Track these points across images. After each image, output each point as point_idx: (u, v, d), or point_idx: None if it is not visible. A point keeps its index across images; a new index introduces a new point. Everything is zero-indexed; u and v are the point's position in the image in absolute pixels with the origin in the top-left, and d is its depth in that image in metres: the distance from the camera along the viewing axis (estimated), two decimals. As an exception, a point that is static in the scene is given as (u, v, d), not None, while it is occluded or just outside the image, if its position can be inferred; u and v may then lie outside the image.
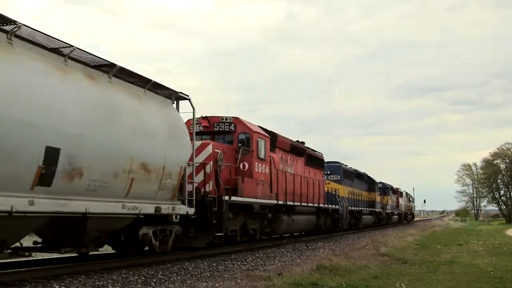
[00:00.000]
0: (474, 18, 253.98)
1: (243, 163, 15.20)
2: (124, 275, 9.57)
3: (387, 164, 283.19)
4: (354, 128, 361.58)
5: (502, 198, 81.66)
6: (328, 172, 27.22)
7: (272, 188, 17.11)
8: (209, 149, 13.87)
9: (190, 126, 13.28)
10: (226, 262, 12.41)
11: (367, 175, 37.26)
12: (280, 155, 18.76)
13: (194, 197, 12.41)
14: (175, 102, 12.42)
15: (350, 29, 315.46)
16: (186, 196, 12.04)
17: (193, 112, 12.82)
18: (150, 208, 10.61)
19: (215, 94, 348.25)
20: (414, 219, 72.27)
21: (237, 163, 15.04)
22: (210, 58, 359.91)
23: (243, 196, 14.66)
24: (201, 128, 15.45)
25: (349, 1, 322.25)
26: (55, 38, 8.55)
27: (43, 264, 10.44)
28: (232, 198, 13.97)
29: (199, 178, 13.26)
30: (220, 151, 14.24)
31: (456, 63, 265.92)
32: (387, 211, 44.16)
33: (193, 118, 12.84)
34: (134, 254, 11.18)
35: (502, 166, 79.31)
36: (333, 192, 26.24)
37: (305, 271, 10.58)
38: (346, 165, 31.61)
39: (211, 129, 15.56)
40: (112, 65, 9.89)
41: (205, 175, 13.44)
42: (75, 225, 9.14)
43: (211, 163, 13.74)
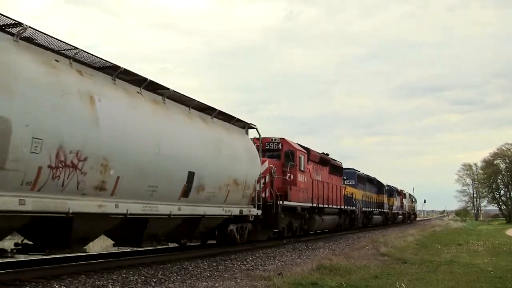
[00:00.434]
0: (474, 18, 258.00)
1: (289, 174, 19.69)
2: (124, 275, 9.90)
3: (387, 164, 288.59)
4: (354, 128, 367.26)
5: (502, 198, 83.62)
6: (345, 178, 31.62)
7: (308, 193, 21.65)
8: (266, 164, 18.27)
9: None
10: (226, 262, 12.99)
11: (376, 179, 41.81)
12: (312, 166, 23.14)
13: (261, 202, 16.88)
14: (247, 130, 16.85)
15: (350, 29, 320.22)
16: (257, 201, 16.51)
17: (259, 138, 17.30)
18: (236, 210, 15.02)
19: (215, 94, 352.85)
20: (416, 218, 77.09)
21: (285, 175, 19.56)
22: (210, 58, 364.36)
23: (290, 201, 19.15)
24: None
25: (349, 1, 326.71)
26: (185, 96, 12.86)
27: (43, 264, 10.85)
28: (284, 202, 18.51)
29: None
30: (273, 166, 18.73)
31: (456, 63, 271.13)
32: (393, 211, 49.02)
33: (260, 143, 17.23)
34: (224, 245, 15.55)
35: (502, 166, 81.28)
36: (350, 196, 30.74)
37: (305, 271, 10.90)
38: (359, 171, 36.16)
39: (263, 147, 19.92)
40: (214, 109, 14.24)
41: (264, 185, 17.92)
42: (194, 223, 13.55)
43: (268, 175, 18.18)
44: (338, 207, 26.88)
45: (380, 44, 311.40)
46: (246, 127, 16.65)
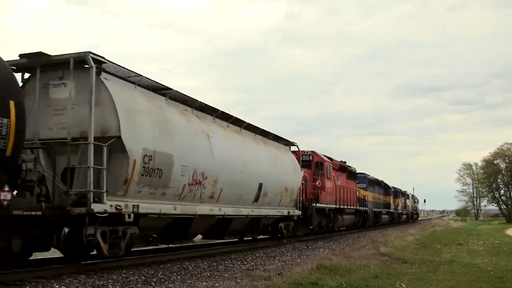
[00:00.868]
0: (474, 18, 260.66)
1: (319, 181, 24.36)
2: (124, 275, 10.07)
3: (387, 164, 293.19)
4: (354, 128, 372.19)
5: (502, 197, 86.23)
6: (358, 182, 36.27)
7: (333, 196, 26.29)
8: (302, 173, 22.88)
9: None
10: (226, 262, 13.34)
11: (384, 182, 46.53)
12: (335, 173, 27.77)
13: (301, 204, 21.50)
14: (289, 146, 21.46)
15: (350, 29, 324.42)
16: (298, 204, 21.11)
17: (299, 152, 21.90)
18: (285, 211, 19.59)
19: (215, 94, 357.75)
20: (418, 218, 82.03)
21: (315, 181, 24.21)
22: (210, 58, 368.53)
23: (321, 203, 23.82)
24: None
25: (349, 1, 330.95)
26: (253, 125, 17.37)
27: (43, 264, 11.01)
28: (316, 204, 23.17)
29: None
30: (306, 175, 23.34)
31: (456, 63, 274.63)
32: (398, 211, 53.93)
33: (300, 158, 21.82)
34: (276, 239, 20.10)
35: (502, 166, 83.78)
36: (363, 198, 35.50)
37: (305, 271, 11.09)
38: (369, 175, 40.82)
39: (298, 159, 24.59)
40: (269, 133, 18.78)
41: (300, 190, 22.50)
42: (258, 221, 18.10)
43: (303, 182, 22.79)
44: (354, 207, 31.63)
45: (380, 44, 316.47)
46: (289, 144, 21.25)
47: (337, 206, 27.03)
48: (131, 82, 11.63)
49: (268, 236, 20.42)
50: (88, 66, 10.23)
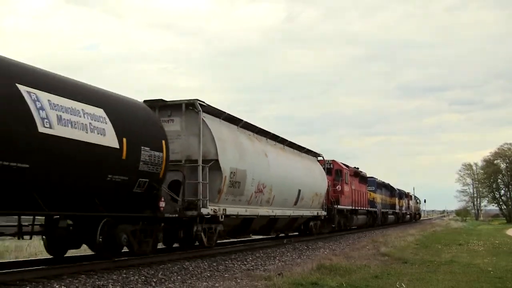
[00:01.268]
0: (474, 18, 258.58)
1: (338, 186, 28.85)
2: (124, 275, 10.22)
3: (387, 164, 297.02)
4: (354, 128, 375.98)
5: (502, 198, 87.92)
6: (367, 185, 40.84)
7: (349, 199, 30.80)
8: (327, 180, 27.36)
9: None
10: (227, 262, 13.55)
11: (390, 184, 51.19)
12: (350, 179, 32.25)
13: (326, 206, 25.98)
14: (316, 157, 25.95)
15: (350, 29, 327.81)
16: (325, 206, 25.58)
17: (324, 160, 26.38)
18: (315, 212, 24.02)
19: (215, 94, 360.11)
20: (420, 218, 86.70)
21: (335, 186, 28.70)
22: (210, 58, 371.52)
23: (341, 205, 28.34)
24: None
25: (349, 1, 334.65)
26: (291, 142, 21.80)
27: (43, 264, 11.35)
28: (338, 206, 27.69)
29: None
30: (328, 180, 27.82)
31: (456, 63, 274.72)
32: (402, 211, 58.70)
33: (325, 166, 26.31)
34: (305, 235, 24.49)
35: (502, 166, 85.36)
36: (372, 200, 40.08)
37: (305, 271, 11.26)
38: (377, 178, 45.40)
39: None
40: (303, 147, 23.23)
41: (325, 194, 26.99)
42: (295, 220, 22.55)
43: (327, 187, 27.29)
44: (366, 209, 36.17)
45: (380, 44, 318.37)
46: (316, 155, 25.74)
47: (353, 208, 31.54)
48: (217, 117, 16.00)
49: (297, 233, 24.96)
50: (193, 109, 14.63)
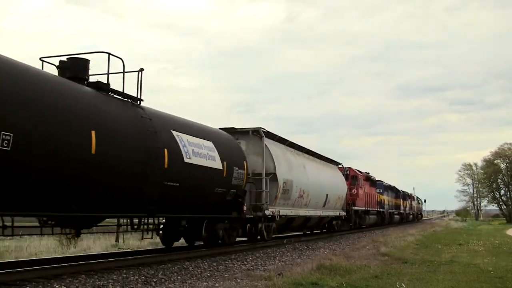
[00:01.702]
0: (474, 18, 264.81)
1: (354, 190, 34.22)
2: (124, 275, 10.44)
3: (387, 164, 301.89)
4: (354, 128, 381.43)
5: (502, 198, 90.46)
6: (376, 188, 46.24)
7: (363, 201, 36.19)
8: (346, 185, 32.66)
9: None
10: (227, 262, 13.66)
11: (395, 187, 56.66)
12: (363, 183, 37.62)
13: (345, 207, 31.32)
14: (336, 164, 31.30)
15: (350, 30, 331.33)
16: (344, 207, 30.91)
17: (343, 167, 31.75)
18: (337, 213, 29.28)
19: (215, 94, 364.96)
20: (422, 218, 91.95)
21: (351, 190, 34.06)
22: (210, 58, 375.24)
23: (356, 207, 33.73)
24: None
25: (349, 1, 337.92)
26: (318, 153, 27.11)
27: (43, 264, 11.54)
28: (354, 207, 33.07)
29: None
30: (346, 185, 33.20)
31: (456, 63, 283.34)
32: (406, 212, 64.36)
33: (343, 173, 31.68)
34: (328, 232, 29.75)
35: (503, 166, 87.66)
36: (380, 201, 45.52)
37: (305, 271, 11.42)
38: (384, 181, 50.72)
39: (339, 172, 34.43)
40: (328, 158, 28.55)
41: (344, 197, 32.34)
42: (322, 220, 27.84)
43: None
44: (376, 209, 41.62)
45: (380, 44, 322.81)
46: (337, 163, 31.11)
47: (366, 209, 36.92)
48: (271, 139, 21.22)
49: (319, 231, 30.21)
50: (257, 134, 19.88)
